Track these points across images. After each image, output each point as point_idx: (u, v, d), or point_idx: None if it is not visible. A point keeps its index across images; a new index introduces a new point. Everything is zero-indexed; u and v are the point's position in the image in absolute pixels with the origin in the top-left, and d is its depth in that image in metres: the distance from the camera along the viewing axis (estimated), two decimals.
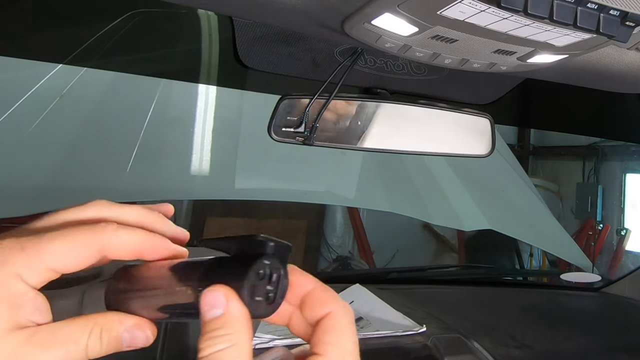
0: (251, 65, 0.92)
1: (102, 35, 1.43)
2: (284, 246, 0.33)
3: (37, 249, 0.31)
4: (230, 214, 2.93)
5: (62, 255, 0.31)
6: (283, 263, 0.33)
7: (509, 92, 1.06)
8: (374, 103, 0.89)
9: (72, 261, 0.31)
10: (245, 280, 0.31)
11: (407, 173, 2.54)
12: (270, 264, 0.32)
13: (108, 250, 0.32)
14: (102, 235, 0.32)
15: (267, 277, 0.32)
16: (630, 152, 3.49)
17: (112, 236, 0.32)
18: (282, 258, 0.33)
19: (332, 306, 0.32)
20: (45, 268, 0.31)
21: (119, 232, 0.33)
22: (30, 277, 0.30)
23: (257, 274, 0.31)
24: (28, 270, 0.30)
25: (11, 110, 1.65)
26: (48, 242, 0.31)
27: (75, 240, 0.31)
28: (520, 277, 2.71)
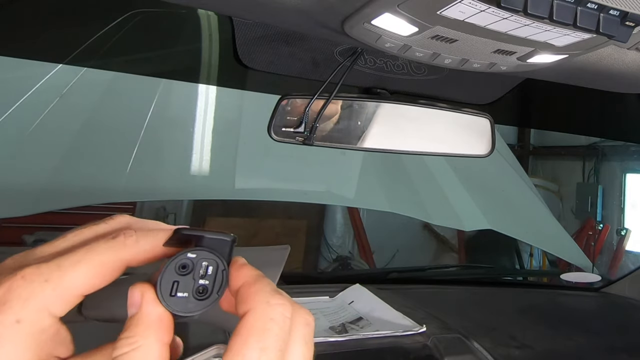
0: (251, 65, 0.92)
1: (102, 35, 1.43)
2: (219, 240, 0.31)
3: (61, 279, 0.29)
4: (230, 214, 2.93)
5: (86, 278, 0.30)
6: (221, 256, 0.31)
7: (509, 92, 1.06)
8: (374, 103, 0.89)
9: (98, 282, 0.31)
10: (160, 276, 0.30)
11: (407, 173, 2.54)
12: (197, 257, 0.30)
13: (133, 262, 0.32)
14: (124, 251, 0.31)
15: (198, 271, 0.30)
16: (630, 152, 3.49)
17: (134, 248, 0.32)
18: (221, 251, 0.31)
19: (250, 304, 0.30)
20: (72, 295, 0.30)
21: (140, 242, 0.32)
22: (57, 309, 0.29)
23: (178, 268, 0.30)
24: (55, 302, 0.29)
25: (11, 110, 1.65)
26: (72, 268, 0.30)
27: (99, 261, 0.30)
28: (520, 277, 2.71)
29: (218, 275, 0.31)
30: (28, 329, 0.28)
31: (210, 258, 0.31)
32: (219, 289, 0.31)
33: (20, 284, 0.29)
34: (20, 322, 0.28)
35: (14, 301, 0.28)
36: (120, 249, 0.31)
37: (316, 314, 1.02)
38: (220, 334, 0.80)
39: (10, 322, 0.28)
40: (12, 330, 0.28)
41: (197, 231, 0.32)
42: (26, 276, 0.29)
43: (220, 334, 0.81)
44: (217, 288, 0.31)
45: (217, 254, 0.31)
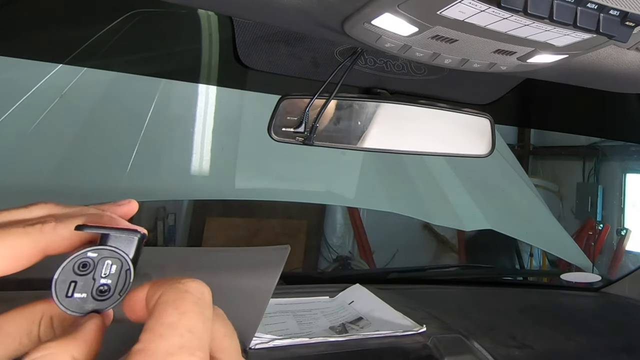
0: (251, 65, 0.92)
1: (102, 35, 1.43)
2: (125, 237, 0.30)
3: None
4: (230, 214, 2.93)
5: (1, 260, 0.30)
6: (126, 254, 0.30)
7: (509, 92, 1.06)
8: (374, 103, 0.89)
9: (10, 264, 0.30)
10: (56, 275, 0.29)
11: (407, 173, 2.54)
12: (99, 255, 0.29)
13: (50, 249, 0.31)
14: (41, 237, 0.31)
15: (100, 270, 0.29)
16: (630, 152, 3.49)
17: (51, 235, 0.31)
18: (126, 249, 0.30)
19: (162, 288, 0.28)
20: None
21: (58, 229, 0.31)
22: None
23: (78, 267, 0.29)
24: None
25: (11, 110, 1.65)
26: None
27: (12, 244, 0.30)
28: (520, 277, 2.71)
29: (122, 275, 0.30)
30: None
31: (115, 257, 0.30)
32: (122, 288, 0.30)
33: None
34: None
35: None
36: (36, 235, 0.31)
37: (316, 314, 1.02)
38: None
39: None
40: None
41: (101, 228, 0.31)
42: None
43: None
44: (120, 288, 0.30)
45: (121, 251, 0.30)
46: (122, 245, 0.30)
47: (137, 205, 0.37)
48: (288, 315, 0.98)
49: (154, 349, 0.25)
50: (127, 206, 0.36)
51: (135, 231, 0.31)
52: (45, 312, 0.31)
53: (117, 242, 0.30)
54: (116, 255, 0.30)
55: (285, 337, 0.83)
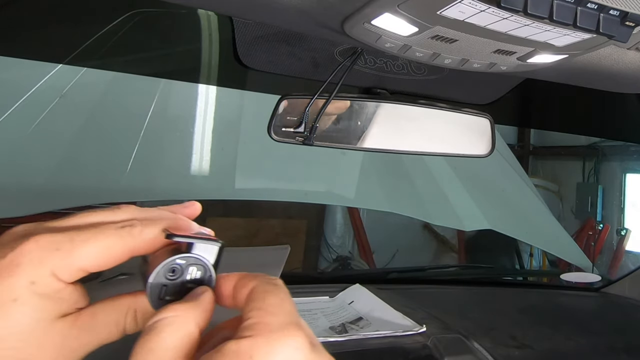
0: (251, 65, 0.92)
1: (102, 35, 1.43)
2: (208, 246, 0.33)
3: (71, 251, 0.32)
4: (230, 214, 2.93)
5: (94, 257, 0.33)
6: (209, 262, 0.33)
7: (509, 92, 1.06)
8: (374, 103, 0.89)
9: (102, 262, 0.33)
10: (150, 280, 0.32)
11: (407, 173, 2.54)
12: (186, 262, 0.32)
13: (136, 251, 0.34)
14: (130, 239, 0.34)
15: (186, 275, 0.32)
16: (630, 152, 3.49)
17: (139, 238, 0.34)
18: (209, 257, 0.33)
19: (252, 283, 0.33)
20: (78, 268, 0.33)
21: (144, 233, 0.34)
22: (64, 276, 0.32)
23: (167, 272, 0.32)
24: (62, 271, 0.32)
25: (11, 110, 1.65)
26: (82, 244, 0.33)
27: (106, 244, 0.33)
28: (520, 277, 2.71)
29: (205, 281, 0.33)
30: (42, 290, 0.32)
31: (199, 264, 0.33)
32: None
33: (32, 248, 0.32)
34: (35, 284, 0.31)
35: (26, 264, 0.31)
36: (126, 237, 0.34)
37: (316, 314, 1.02)
38: None
39: (25, 283, 0.31)
40: (29, 291, 0.31)
41: (188, 237, 0.33)
42: (39, 241, 0.32)
43: None
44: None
45: (206, 259, 0.33)
46: (205, 253, 0.33)
47: (200, 207, 0.41)
48: None
49: (269, 322, 0.30)
50: (191, 208, 0.40)
51: (216, 240, 0.34)
52: (131, 305, 0.35)
53: (201, 250, 0.33)
54: (200, 263, 0.33)
55: None
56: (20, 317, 0.31)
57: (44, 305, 0.32)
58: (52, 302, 0.32)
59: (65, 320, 0.33)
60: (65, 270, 0.32)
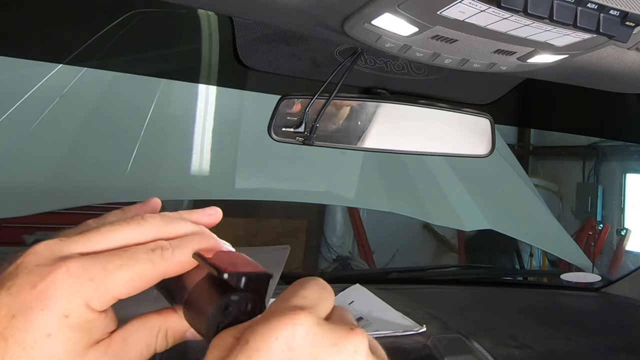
0: (251, 65, 0.92)
1: (102, 35, 1.43)
2: (258, 277, 0.33)
3: (105, 280, 0.32)
4: (230, 214, 2.92)
5: (127, 284, 0.33)
6: (258, 294, 0.33)
7: (509, 92, 1.06)
8: (374, 103, 0.89)
9: (135, 288, 0.33)
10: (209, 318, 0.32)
11: (407, 173, 2.54)
12: (240, 298, 0.32)
13: (168, 274, 0.34)
14: (163, 264, 0.34)
15: (242, 309, 0.32)
16: (630, 152, 3.49)
17: (171, 262, 0.34)
18: (257, 289, 0.33)
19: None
20: (111, 297, 0.32)
21: (176, 256, 0.34)
22: (97, 305, 0.32)
23: (222, 311, 0.32)
24: (95, 300, 0.31)
25: (11, 110, 1.65)
26: (115, 272, 0.32)
27: (139, 270, 0.33)
28: (520, 277, 2.71)
29: (256, 312, 0.33)
30: (75, 322, 0.31)
31: (251, 298, 0.33)
32: None
33: (64, 278, 0.31)
34: (68, 317, 0.30)
35: (59, 296, 0.30)
36: (158, 262, 0.34)
37: None
38: None
39: (59, 316, 0.30)
40: (62, 324, 0.30)
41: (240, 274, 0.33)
42: (71, 270, 0.31)
43: None
44: None
45: (258, 295, 0.33)
46: (258, 286, 0.33)
47: (221, 214, 0.40)
48: None
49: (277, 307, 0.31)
50: (214, 216, 0.40)
51: (266, 274, 0.34)
52: (162, 325, 0.35)
53: (252, 283, 0.33)
54: (253, 297, 0.33)
55: None
56: (53, 351, 0.30)
57: (78, 337, 0.31)
58: (85, 333, 0.31)
59: (97, 347, 0.32)
60: (98, 301, 0.32)
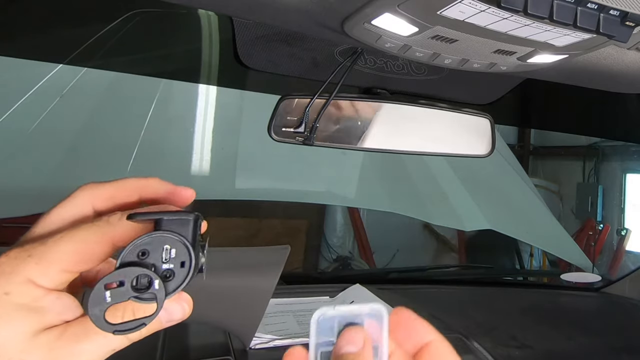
0: (251, 65, 0.92)
1: (102, 35, 1.43)
2: (177, 219, 0.30)
3: (44, 253, 0.30)
4: (230, 214, 2.93)
5: (71, 254, 0.31)
6: (181, 236, 0.30)
7: (509, 92, 1.06)
8: (374, 103, 0.89)
9: (85, 259, 0.31)
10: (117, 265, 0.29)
11: (407, 173, 2.54)
12: (152, 241, 0.29)
13: (118, 240, 0.32)
14: (109, 229, 0.32)
15: (160, 255, 0.29)
16: (630, 152, 3.49)
17: (119, 226, 0.32)
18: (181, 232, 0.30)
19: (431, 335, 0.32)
20: (58, 270, 0.30)
21: (124, 220, 0.32)
22: (44, 281, 0.30)
23: (138, 255, 0.29)
24: (40, 275, 0.30)
25: (12, 110, 1.65)
26: (54, 244, 0.31)
27: (82, 238, 0.31)
28: (521, 277, 2.71)
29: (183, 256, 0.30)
30: (17, 299, 0.29)
31: (172, 241, 0.30)
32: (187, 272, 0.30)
33: (3, 261, 0.30)
34: (9, 294, 0.29)
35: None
36: (104, 227, 0.32)
37: None
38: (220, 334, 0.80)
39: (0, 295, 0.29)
40: (4, 303, 0.29)
41: (153, 214, 0.30)
42: (10, 254, 0.30)
43: (220, 333, 0.81)
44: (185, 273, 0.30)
45: (176, 234, 0.30)
46: (178, 228, 0.30)
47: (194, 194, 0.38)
48: (288, 315, 0.98)
49: None
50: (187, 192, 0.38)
51: (188, 212, 0.31)
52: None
53: (172, 225, 0.30)
54: (173, 239, 0.30)
55: (285, 337, 0.83)
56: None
57: (24, 317, 0.29)
58: (33, 314, 0.30)
59: (50, 332, 0.30)
60: (42, 275, 0.30)
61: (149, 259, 0.29)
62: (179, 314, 0.34)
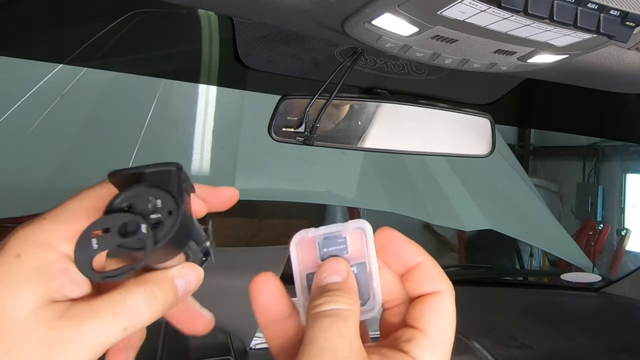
0: (251, 65, 0.92)
1: (102, 35, 1.43)
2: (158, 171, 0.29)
3: (59, 214, 0.29)
4: (230, 214, 2.92)
5: (86, 212, 0.29)
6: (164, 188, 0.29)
7: (509, 92, 1.06)
8: (374, 103, 0.89)
9: (93, 210, 0.29)
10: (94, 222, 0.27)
11: (407, 173, 2.54)
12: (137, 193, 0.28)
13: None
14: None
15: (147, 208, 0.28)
16: (630, 152, 3.49)
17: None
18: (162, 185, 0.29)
19: (441, 285, 0.31)
20: (74, 230, 0.28)
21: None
22: (60, 244, 0.28)
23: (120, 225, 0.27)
24: (56, 237, 0.28)
25: (12, 110, 1.65)
26: (70, 203, 0.29)
27: (96, 195, 0.30)
28: (521, 277, 2.71)
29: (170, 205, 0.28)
30: (28, 263, 0.27)
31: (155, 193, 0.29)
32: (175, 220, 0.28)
33: (18, 228, 0.28)
34: (20, 256, 0.27)
35: (12, 241, 0.28)
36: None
37: None
38: (220, 334, 0.80)
39: (10, 257, 0.27)
40: (11, 265, 0.27)
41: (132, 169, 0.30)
42: (24, 223, 0.29)
43: (220, 333, 0.81)
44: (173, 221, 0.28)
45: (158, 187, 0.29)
46: (161, 180, 0.29)
47: (237, 193, 0.36)
48: None
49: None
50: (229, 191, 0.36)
51: (169, 163, 0.30)
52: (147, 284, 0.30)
53: (155, 178, 0.29)
54: (156, 190, 0.29)
55: None
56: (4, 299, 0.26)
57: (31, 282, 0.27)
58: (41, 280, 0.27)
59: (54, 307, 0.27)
60: (59, 236, 0.28)
61: (136, 210, 0.28)
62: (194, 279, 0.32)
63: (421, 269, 0.31)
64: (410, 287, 0.31)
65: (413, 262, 0.32)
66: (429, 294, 0.31)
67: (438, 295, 0.31)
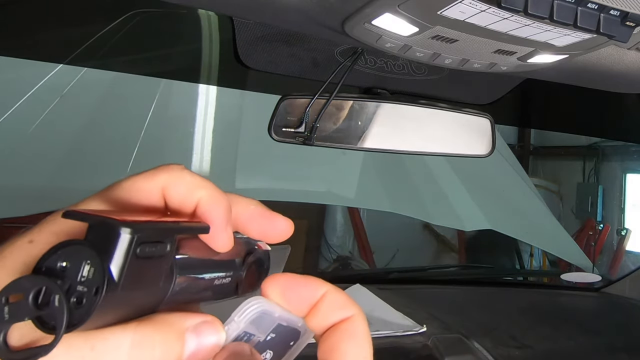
0: (251, 65, 0.92)
1: (102, 35, 1.43)
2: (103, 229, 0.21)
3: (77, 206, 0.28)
4: None
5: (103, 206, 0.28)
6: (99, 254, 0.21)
7: (509, 92, 1.06)
8: (374, 103, 0.89)
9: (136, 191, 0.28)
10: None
11: (408, 173, 2.54)
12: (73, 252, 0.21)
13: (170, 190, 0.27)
14: (165, 175, 0.28)
15: (76, 275, 0.21)
16: (630, 152, 3.49)
17: (177, 176, 0.28)
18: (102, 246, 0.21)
19: (351, 310, 0.28)
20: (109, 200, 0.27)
21: (184, 173, 0.28)
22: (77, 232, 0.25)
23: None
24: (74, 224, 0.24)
25: (12, 110, 1.65)
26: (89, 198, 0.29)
27: (137, 176, 0.28)
28: (521, 277, 2.71)
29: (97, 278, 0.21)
30: (39, 248, 0.24)
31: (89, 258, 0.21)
32: (95, 299, 0.20)
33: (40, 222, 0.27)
34: (33, 242, 0.26)
35: (29, 229, 0.27)
36: (161, 171, 0.29)
37: None
38: None
39: (23, 242, 0.26)
40: (22, 250, 0.26)
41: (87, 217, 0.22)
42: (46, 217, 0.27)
43: None
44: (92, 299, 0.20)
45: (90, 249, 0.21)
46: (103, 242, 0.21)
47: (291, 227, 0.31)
48: None
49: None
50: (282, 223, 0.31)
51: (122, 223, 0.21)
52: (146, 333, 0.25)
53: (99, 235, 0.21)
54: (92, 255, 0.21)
55: None
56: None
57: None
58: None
59: None
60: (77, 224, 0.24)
61: (69, 274, 0.21)
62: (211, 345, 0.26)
63: (327, 299, 0.28)
64: (318, 321, 0.28)
65: (318, 295, 0.29)
66: (340, 321, 0.28)
67: (350, 321, 0.28)
